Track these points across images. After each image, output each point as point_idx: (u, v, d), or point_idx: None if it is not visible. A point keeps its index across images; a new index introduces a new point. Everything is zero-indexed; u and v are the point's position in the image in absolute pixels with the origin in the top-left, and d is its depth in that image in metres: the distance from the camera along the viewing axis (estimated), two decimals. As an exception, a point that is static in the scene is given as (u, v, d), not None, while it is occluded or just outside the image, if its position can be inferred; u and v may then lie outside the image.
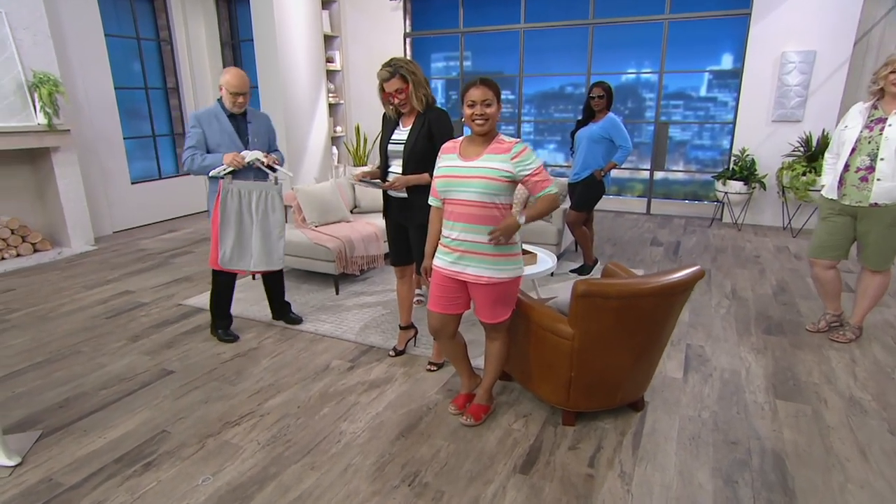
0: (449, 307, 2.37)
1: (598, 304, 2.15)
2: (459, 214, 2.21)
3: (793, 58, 5.58)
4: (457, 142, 2.28)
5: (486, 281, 2.23)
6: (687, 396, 2.72)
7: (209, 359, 3.16)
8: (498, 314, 2.32)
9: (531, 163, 2.12)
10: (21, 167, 5.38)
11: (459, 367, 2.59)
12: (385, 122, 2.81)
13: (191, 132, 3.09)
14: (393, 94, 2.58)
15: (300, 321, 3.59)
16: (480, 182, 2.13)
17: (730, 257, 5.07)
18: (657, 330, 2.30)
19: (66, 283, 4.52)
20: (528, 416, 2.56)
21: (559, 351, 2.32)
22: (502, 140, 2.17)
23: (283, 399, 2.73)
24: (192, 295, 4.20)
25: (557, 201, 2.17)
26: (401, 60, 2.56)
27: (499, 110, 2.16)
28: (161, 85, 7.09)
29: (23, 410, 2.65)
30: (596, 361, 2.31)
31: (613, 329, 2.22)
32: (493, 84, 2.14)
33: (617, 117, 4.12)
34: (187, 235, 6.21)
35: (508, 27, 6.98)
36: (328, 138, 7.31)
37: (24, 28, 5.09)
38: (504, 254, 2.22)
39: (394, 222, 2.91)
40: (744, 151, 5.95)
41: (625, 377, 2.39)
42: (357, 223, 4.52)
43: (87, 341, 3.40)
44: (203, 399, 2.73)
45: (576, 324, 2.22)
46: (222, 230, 3.12)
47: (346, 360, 3.12)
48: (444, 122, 2.65)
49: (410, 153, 2.65)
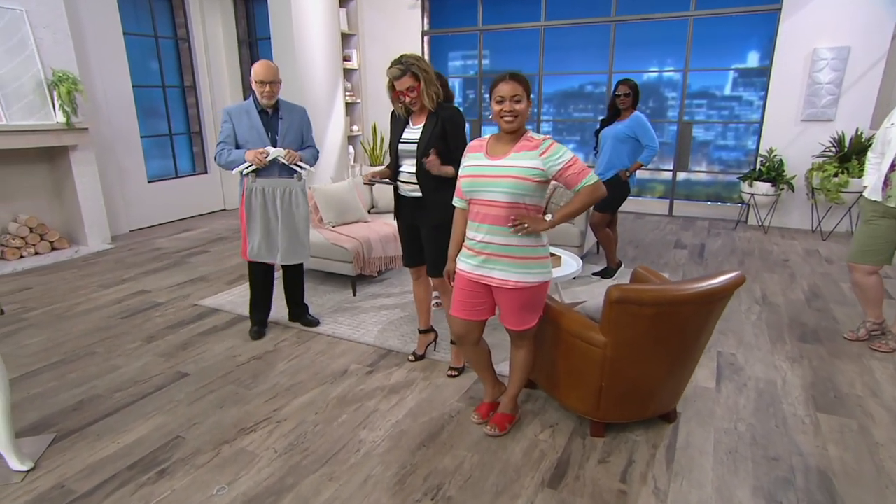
0: (473, 313, 2.27)
1: (632, 311, 2.04)
2: (485, 215, 2.11)
3: (825, 54, 5.38)
4: (483, 140, 2.18)
5: (512, 285, 2.12)
6: (721, 408, 2.59)
7: (225, 361, 3.09)
8: (525, 321, 2.22)
9: (561, 156, 2.01)
10: (39, 165, 5.38)
11: (483, 375, 2.49)
12: (394, 120, 2.72)
13: (222, 127, 3.13)
14: (404, 92, 2.49)
15: (317, 324, 3.51)
16: (508, 182, 2.03)
17: (757, 261, 4.90)
18: (693, 339, 2.18)
19: (82, 282, 4.50)
20: (554, 427, 2.45)
21: (590, 359, 2.21)
22: (531, 137, 2.07)
23: (300, 404, 2.64)
24: (207, 295, 4.15)
25: (599, 191, 2.04)
26: (412, 57, 2.47)
27: (528, 107, 2.05)
28: (178, 83, 7.08)
29: (37, 413, 2.59)
30: (628, 371, 2.19)
31: (648, 337, 2.10)
32: (523, 79, 2.04)
33: (643, 116, 3.98)
34: (203, 235, 6.18)
35: (528, 25, 6.86)
36: (345, 137, 7.25)
37: (44, 26, 5.09)
38: (532, 256, 2.11)
39: (406, 222, 2.82)
40: (771, 152, 5.77)
41: (658, 387, 2.27)
42: (374, 223, 4.43)
43: (102, 342, 3.36)
44: (218, 403, 2.66)
45: (608, 331, 2.11)
46: (249, 226, 3.14)
47: (365, 365, 3.03)
48: (459, 121, 2.58)
49: (424, 153, 2.54)
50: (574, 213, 2.10)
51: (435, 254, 2.68)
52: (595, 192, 2.04)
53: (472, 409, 2.58)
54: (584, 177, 2.02)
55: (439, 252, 2.61)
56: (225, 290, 4.25)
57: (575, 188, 2.05)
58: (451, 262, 2.35)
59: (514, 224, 2.05)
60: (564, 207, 2.09)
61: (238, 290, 4.19)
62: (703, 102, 6.96)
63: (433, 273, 2.78)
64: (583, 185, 2.03)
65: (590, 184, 2.03)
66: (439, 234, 2.59)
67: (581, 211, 2.11)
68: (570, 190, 2.06)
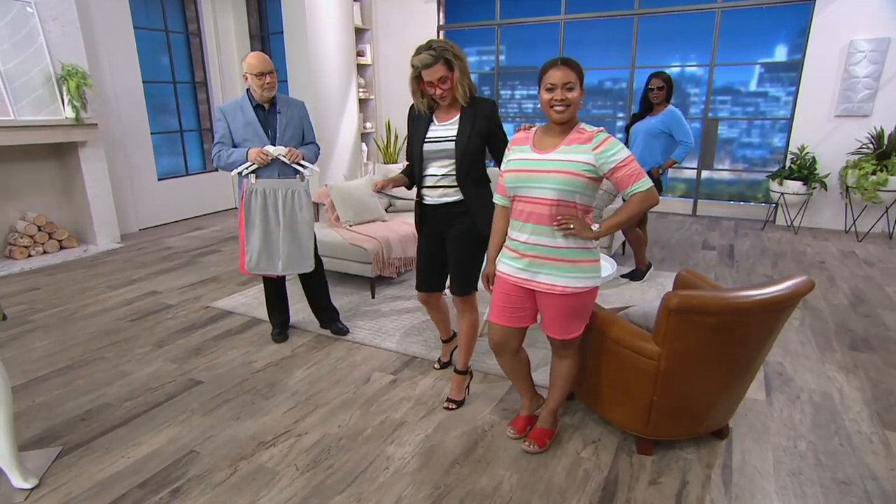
0: (514, 319, 2.08)
1: (693, 320, 1.85)
2: (531, 214, 1.93)
3: (863, 46, 5.15)
4: (530, 132, 2.00)
5: (560, 290, 1.94)
6: (775, 423, 2.39)
7: (239, 368, 2.92)
8: (570, 329, 2.03)
9: (616, 153, 1.81)
10: (48, 162, 5.25)
11: (521, 387, 2.30)
12: (413, 118, 2.36)
13: (217, 126, 2.92)
14: (434, 83, 2.14)
15: (346, 332, 3.30)
16: (557, 177, 1.84)
17: (791, 263, 4.69)
18: (756, 350, 1.99)
19: (91, 283, 4.35)
20: (597, 443, 2.27)
21: (641, 372, 2.02)
22: (583, 129, 1.88)
23: (322, 416, 2.47)
24: (219, 297, 3.98)
25: (651, 199, 1.84)
26: (444, 43, 2.13)
27: (582, 95, 1.87)
28: (189, 79, 6.94)
29: (42, 423, 2.44)
30: (683, 385, 2.00)
31: (708, 349, 1.91)
32: (576, 65, 1.85)
33: (677, 110, 3.79)
34: (214, 234, 6.03)
35: (548, 18, 6.66)
36: (358, 135, 7.08)
37: (53, 19, 4.95)
38: (583, 259, 1.92)
39: (431, 237, 2.43)
40: (803, 149, 5.54)
41: (714, 402, 2.07)
42: (393, 223, 4.26)
43: (110, 346, 3.20)
44: (234, 415, 2.49)
45: (664, 342, 1.92)
46: (248, 232, 2.91)
47: (388, 373, 2.86)
48: (496, 114, 2.28)
49: (465, 152, 2.23)
50: (622, 223, 1.91)
51: (467, 269, 2.38)
52: (647, 201, 1.85)
53: (507, 422, 2.40)
54: (638, 180, 1.83)
55: (473, 268, 2.37)
56: (238, 291, 4.08)
57: (625, 192, 1.85)
58: (490, 263, 2.17)
59: (560, 224, 1.87)
60: (612, 217, 1.89)
61: (251, 292, 4.03)
62: (727, 99, 6.73)
63: (462, 292, 2.43)
64: (634, 190, 1.83)
65: (642, 190, 1.83)
66: (474, 248, 2.34)
67: (631, 221, 1.92)
68: (620, 192, 1.86)
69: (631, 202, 1.86)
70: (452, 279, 2.43)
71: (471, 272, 2.37)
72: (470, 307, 2.44)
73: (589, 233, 1.87)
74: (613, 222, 1.89)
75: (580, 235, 1.88)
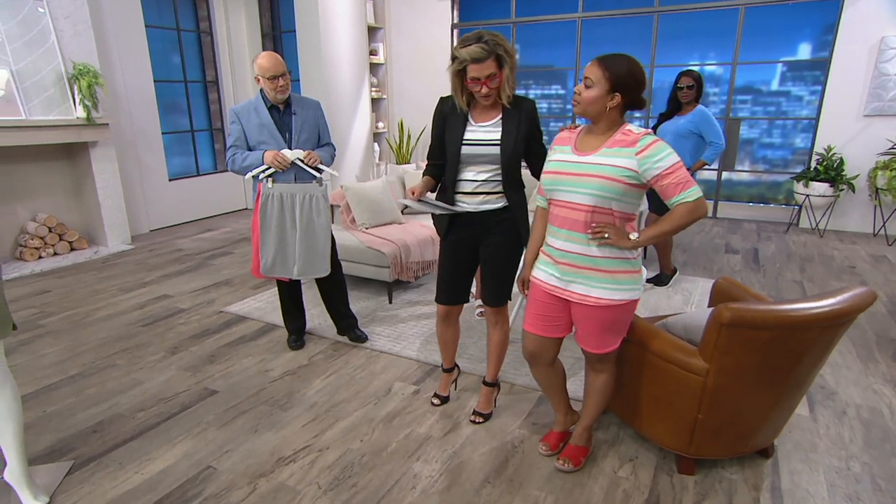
0: (549, 329, 1.97)
1: (745, 335, 1.72)
2: (564, 219, 1.81)
3: (894, 43, 4.98)
4: (574, 131, 1.87)
5: (593, 301, 1.81)
6: (823, 441, 2.25)
7: (255, 377, 2.82)
8: (605, 343, 1.91)
9: (662, 159, 1.66)
10: (58, 163, 5.18)
11: (555, 401, 2.18)
12: (445, 114, 2.12)
13: (230, 129, 2.81)
14: (483, 80, 1.92)
15: (365, 339, 3.18)
16: (594, 182, 1.72)
17: (819, 267, 4.53)
18: (810, 367, 1.86)
19: (102, 285, 4.27)
20: (634, 461, 2.14)
21: (685, 388, 1.89)
22: (629, 131, 1.73)
23: (343, 429, 2.36)
24: (233, 301, 3.89)
25: (699, 211, 1.67)
26: (496, 37, 1.90)
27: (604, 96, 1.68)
28: (200, 78, 6.86)
29: (53, 435, 2.34)
30: (732, 402, 1.87)
31: (760, 365, 1.78)
32: (607, 63, 1.67)
33: (707, 110, 3.65)
34: (226, 235, 5.95)
35: (565, 17, 6.52)
36: (370, 135, 6.98)
37: (65, 17, 4.88)
38: (622, 270, 1.79)
39: (460, 246, 2.22)
40: (830, 150, 5.38)
41: (763, 421, 1.95)
42: (410, 225, 4.15)
43: (122, 352, 3.11)
44: (251, 427, 2.38)
45: (713, 357, 1.79)
46: (263, 237, 2.79)
47: (410, 383, 2.74)
48: (537, 114, 2.11)
49: (511, 157, 2.04)
50: (664, 234, 1.76)
51: (502, 277, 2.21)
52: (694, 213, 1.66)
53: (538, 437, 2.28)
54: (684, 190, 1.65)
55: (507, 276, 2.22)
56: (251, 295, 3.99)
57: (669, 201, 1.69)
58: (527, 267, 2.05)
59: (594, 232, 1.74)
60: (653, 226, 1.75)
61: (265, 297, 3.93)
62: (748, 98, 6.58)
63: (496, 302, 2.25)
64: (680, 200, 1.66)
65: (689, 201, 1.65)
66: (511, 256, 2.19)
67: (674, 233, 1.76)
68: (666, 202, 1.71)
69: (675, 213, 1.69)
70: (487, 288, 2.24)
71: (509, 281, 2.24)
72: (503, 318, 2.31)
73: (626, 242, 1.74)
74: (654, 233, 1.75)
75: (616, 245, 1.75)
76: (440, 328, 2.41)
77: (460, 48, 1.91)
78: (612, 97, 1.69)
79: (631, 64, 1.69)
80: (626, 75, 1.68)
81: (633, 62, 1.70)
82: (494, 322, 2.31)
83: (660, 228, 1.74)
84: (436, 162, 2.23)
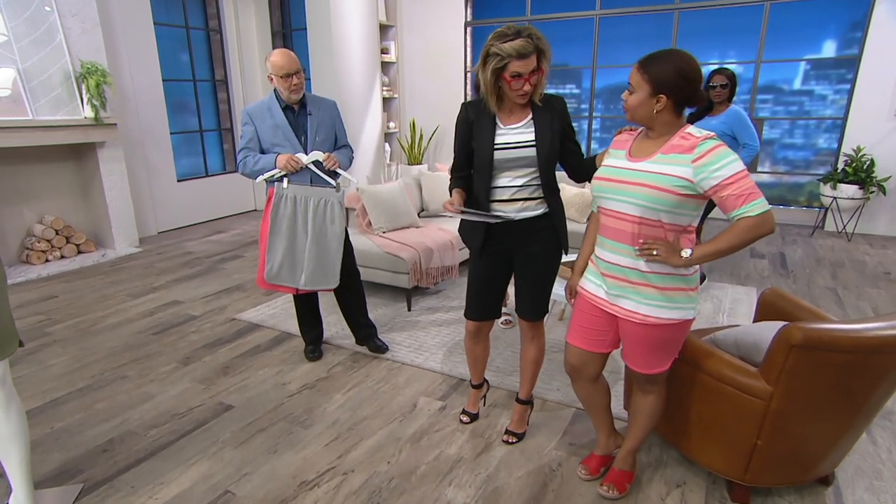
0: (593, 343, 1.82)
1: (817, 357, 1.57)
2: (611, 230, 1.67)
3: (929, 42, 4.81)
4: (633, 133, 1.73)
5: (639, 319, 1.66)
6: (887, 467, 2.10)
7: (272, 391, 2.68)
8: (654, 363, 1.76)
9: (722, 167, 1.48)
10: (65, 163, 5.06)
11: (598, 421, 2.03)
12: (471, 119, 1.96)
13: (243, 130, 2.66)
14: (525, 77, 1.79)
15: (385, 349, 3.04)
16: (643, 192, 1.56)
17: (852, 273, 4.37)
18: (886, 392, 1.70)
19: (110, 290, 4.14)
20: (682, 487, 1.99)
21: (744, 411, 1.74)
22: (688, 135, 1.57)
23: (368, 449, 2.22)
24: (245, 308, 3.76)
25: (764, 227, 1.47)
26: (535, 31, 1.78)
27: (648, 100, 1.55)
28: (209, 77, 6.74)
29: (61, 454, 2.21)
30: (796, 429, 1.72)
31: (831, 390, 1.63)
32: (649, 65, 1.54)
33: (742, 110, 3.49)
34: (235, 238, 5.82)
35: (582, 14, 6.36)
36: (381, 135, 6.84)
37: (73, 15, 4.76)
38: (673, 287, 1.63)
39: (496, 258, 2.07)
40: (859, 150, 5.20)
41: (829, 449, 1.80)
42: (428, 228, 4.00)
43: (133, 363, 2.98)
44: (270, 447, 2.24)
45: (779, 380, 1.64)
46: (272, 240, 2.64)
47: (436, 398, 2.60)
48: (568, 111, 1.98)
49: (548, 157, 1.92)
50: (721, 252, 1.55)
51: (539, 290, 2.07)
52: (758, 230, 1.47)
53: (576, 459, 2.14)
54: (747, 202, 1.46)
55: (545, 289, 2.09)
56: (264, 301, 3.85)
57: (730, 214, 1.51)
58: (576, 275, 1.90)
59: (643, 248, 1.59)
60: (710, 243, 1.56)
61: (278, 303, 3.80)
62: (769, 97, 6.40)
63: (533, 316, 2.11)
64: (742, 214, 1.47)
65: (752, 215, 1.46)
66: (550, 267, 2.05)
67: (733, 251, 1.54)
68: (726, 215, 1.53)
69: (737, 228, 1.50)
70: (526, 302, 2.09)
71: (548, 294, 2.09)
72: (540, 333, 2.16)
73: (676, 260, 1.57)
74: (710, 250, 1.56)
75: (666, 262, 1.59)
76: (469, 344, 2.28)
77: (501, 43, 1.76)
78: (657, 100, 1.54)
79: (677, 61, 1.54)
80: (671, 75, 1.52)
81: (679, 59, 1.55)
82: (531, 337, 2.16)
83: (717, 245, 1.56)
84: (462, 174, 2.07)
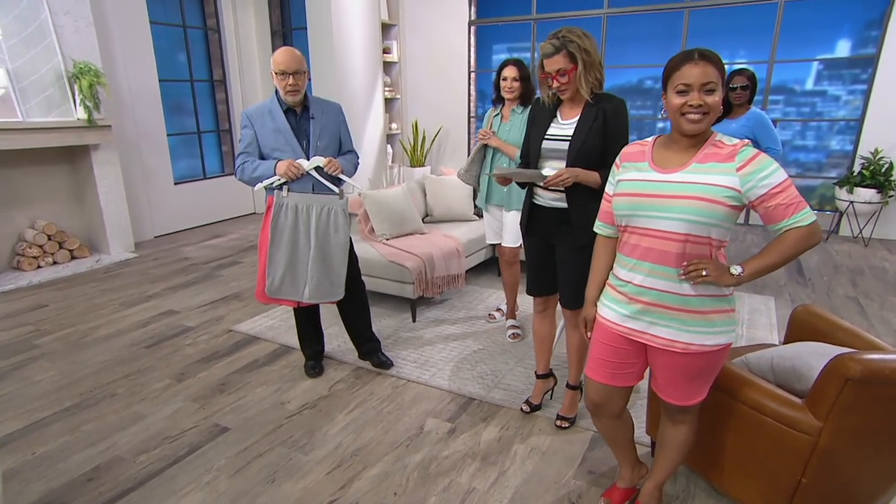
0: (617, 377, 1.66)
1: (874, 391, 1.42)
2: (648, 250, 1.50)
3: (951, 41, 4.65)
4: (645, 145, 1.57)
5: (680, 349, 1.50)
6: (932, 499, 1.94)
7: (271, 411, 2.53)
8: (691, 394, 1.60)
9: (769, 175, 1.36)
10: (58, 167, 4.90)
11: (620, 454, 1.88)
12: (535, 115, 2.20)
13: (242, 134, 2.52)
14: (553, 75, 1.96)
15: (390, 365, 2.89)
16: (690, 205, 1.41)
17: (873, 281, 4.21)
18: (943, 424, 1.55)
19: (103, 299, 3.99)
20: (714, 524, 1.84)
21: (787, 447, 1.59)
22: (720, 143, 1.44)
23: (374, 478, 2.07)
24: (243, 318, 3.60)
25: (814, 238, 1.37)
26: (572, 33, 1.92)
27: (720, 100, 1.42)
28: (207, 77, 6.58)
29: (42, 483, 2.06)
30: (847, 468, 1.57)
31: (890, 427, 1.48)
32: (717, 59, 1.41)
33: (763, 113, 3.34)
34: (233, 242, 5.66)
35: (589, 13, 6.20)
36: (383, 136, 6.69)
37: (65, 13, 4.60)
38: (714, 310, 1.48)
39: (540, 239, 2.25)
40: (877, 153, 5.05)
41: (882, 492, 1.64)
42: (433, 235, 3.85)
43: (124, 379, 2.82)
44: (268, 475, 2.09)
45: (830, 415, 1.49)
46: (272, 252, 2.49)
47: (444, 419, 2.45)
48: (624, 116, 2.02)
49: (578, 153, 2.02)
50: (772, 267, 1.42)
51: (576, 280, 2.13)
52: (808, 241, 1.38)
53: (596, 489, 1.98)
54: (797, 212, 1.36)
55: (582, 278, 2.03)
56: (262, 312, 3.70)
57: (777, 226, 1.39)
58: (589, 306, 1.75)
59: (688, 270, 1.44)
60: (759, 258, 1.43)
61: (277, 314, 3.64)
62: (780, 98, 6.25)
63: (572, 305, 2.20)
64: (790, 225, 1.37)
65: (802, 225, 1.36)
66: (584, 258, 2.04)
67: (782, 264, 1.42)
68: (770, 227, 1.41)
69: (786, 240, 1.38)
70: (563, 289, 2.22)
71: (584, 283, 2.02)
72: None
73: (728, 279, 1.43)
74: (761, 265, 1.42)
75: (717, 283, 1.44)
76: (535, 323, 2.42)
77: (542, 44, 1.96)
78: (722, 96, 1.43)
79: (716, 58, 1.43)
80: (724, 68, 1.43)
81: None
82: (575, 324, 2.25)
83: (768, 260, 1.42)
84: (524, 162, 2.28)
